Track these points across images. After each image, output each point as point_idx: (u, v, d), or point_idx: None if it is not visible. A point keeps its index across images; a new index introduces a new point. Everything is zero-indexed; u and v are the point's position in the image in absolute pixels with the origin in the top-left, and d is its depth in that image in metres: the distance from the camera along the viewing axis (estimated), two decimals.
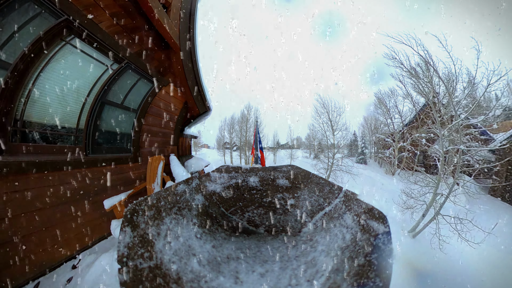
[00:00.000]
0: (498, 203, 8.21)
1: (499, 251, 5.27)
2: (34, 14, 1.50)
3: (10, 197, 1.38)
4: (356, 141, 20.76)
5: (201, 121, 3.93)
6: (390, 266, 0.35)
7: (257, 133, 4.80)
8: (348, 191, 0.62)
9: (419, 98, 12.14)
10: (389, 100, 15.51)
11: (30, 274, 1.50)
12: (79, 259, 1.76)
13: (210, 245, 0.58)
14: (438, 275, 4.64)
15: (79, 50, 1.82)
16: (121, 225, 0.43)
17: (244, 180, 0.88)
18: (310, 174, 0.84)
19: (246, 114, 21.79)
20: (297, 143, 31.60)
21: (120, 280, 0.35)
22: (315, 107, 13.99)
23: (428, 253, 5.22)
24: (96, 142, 2.05)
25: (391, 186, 10.46)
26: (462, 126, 5.50)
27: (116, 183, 2.23)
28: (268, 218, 0.79)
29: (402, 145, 12.96)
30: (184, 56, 2.79)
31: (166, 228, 0.50)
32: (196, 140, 24.46)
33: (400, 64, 7.97)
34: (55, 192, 1.64)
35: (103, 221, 2.07)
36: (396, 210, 6.75)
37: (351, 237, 0.47)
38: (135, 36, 2.32)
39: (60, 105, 1.76)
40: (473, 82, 5.67)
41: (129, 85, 2.42)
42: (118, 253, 0.38)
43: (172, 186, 0.65)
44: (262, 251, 0.61)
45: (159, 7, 2.27)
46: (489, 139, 9.34)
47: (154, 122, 2.86)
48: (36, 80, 1.56)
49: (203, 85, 3.30)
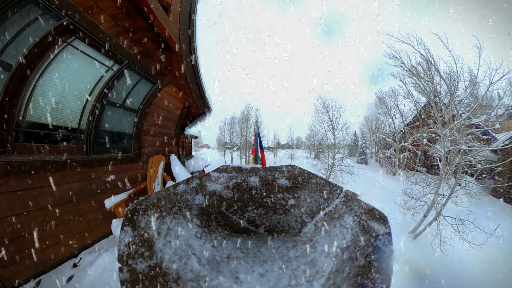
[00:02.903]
0: (500, 204, 8.15)
1: (501, 253, 5.23)
2: (35, 16, 1.51)
3: (13, 196, 1.39)
4: (356, 141, 20.70)
5: (202, 121, 3.94)
6: (390, 267, 0.35)
7: (257, 133, 4.80)
8: (349, 192, 0.62)
9: (420, 97, 12.09)
10: (390, 100, 15.46)
11: (31, 272, 1.51)
12: (80, 258, 1.77)
13: (210, 245, 0.58)
14: (439, 277, 4.62)
15: (80, 51, 1.83)
16: (122, 224, 0.44)
17: (245, 180, 0.88)
18: (310, 174, 0.84)
19: (246, 114, 21.80)
20: (298, 143, 31.57)
21: (121, 278, 0.35)
22: (315, 107, 13.98)
23: (429, 255, 5.19)
24: (97, 142, 2.06)
25: (391, 186, 10.42)
26: (464, 125, 5.46)
27: (117, 182, 2.23)
28: (268, 218, 0.79)
29: (403, 145, 12.91)
30: (184, 57, 2.79)
31: (167, 228, 0.51)
32: (197, 140, 24.51)
33: (401, 63, 7.94)
34: (56, 192, 1.65)
35: (104, 220, 2.08)
36: (397, 211, 6.72)
37: (352, 237, 0.47)
38: (135, 37, 2.33)
39: (61, 106, 1.77)
40: (475, 81, 5.64)
41: (129, 86, 2.43)
42: (119, 252, 0.39)
43: (173, 186, 0.66)
44: (262, 251, 0.61)
45: (159, 8, 2.27)
46: (492, 139, 9.28)
47: (155, 122, 2.87)
48: (38, 81, 1.57)
49: (203, 85, 3.31)
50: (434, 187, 5.82)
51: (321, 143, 15.81)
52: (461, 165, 5.43)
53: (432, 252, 5.18)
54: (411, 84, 10.53)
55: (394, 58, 8.02)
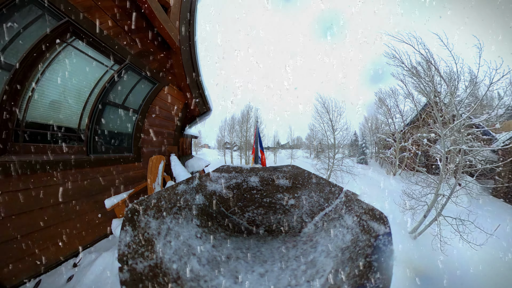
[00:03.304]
0: (500, 204, 8.14)
1: (502, 253, 5.23)
2: (35, 16, 1.51)
3: (13, 196, 1.39)
4: (356, 141, 20.69)
5: (202, 121, 3.94)
6: (390, 268, 0.35)
7: (257, 133, 4.80)
8: (349, 192, 0.62)
9: (421, 97, 12.08)
10: (390, 100, 15.45)
11: (31, 272, 1.51)
12: (80, 258, 1.77)
13: (210, 245, 0.58)
14: (439, 277, 4.62)
15: (80, 52, 1.83)
16: (122, 224, 0.44)
17: (245, 180, 0.88)
18: (310, 174, 0.84)
19: (246, 114, 21.80)
20: (298, 143, 31.57)
21: (121, 278, 0.35)
22: (315, 107, 13.97)
23: (429, 255, 5.19)
24: (97, 142, 2.06)
25: (391, 186, 10.41)
26: (464, 125, 5.45)
27: (117, 182, 2.24)
28: (268, 218, 0.79)
29: (403, 145, 12.90)
30: (184, 57, 2.80)
31: (167, 228, 0.51)
32: (197, 140, 24.51)
33: (401, 63, 7.94)
34: (56, 191, 1.65)
35: (104, 220, 2.08)
36: (397, 211, 6.72)
37: (352, 237, 0.47)
38: (135, 37, 2.33)
39: (62, 106, 1.77)
40: (475, 80, 5.63)
41: (130, 86, 2.43)
42: (119, 251, 0.39)
43: (173, 186, 0.66)
44: (262, 251, 0.61)
45: (159, 8, 2.28)
46: (492, 139, 9.27)
47: (155, 122, 2.87)
48: (39, 81, 1.57)
49: (203, 85, 3.31)
50: (434, 187, 5.82)
51: (321, 143, 15.79)
52: (461, 165, 5.42)
53: (432, 252, 5.17)
54: (411, 84, 10.53)
55: (394, 58, 8.02)
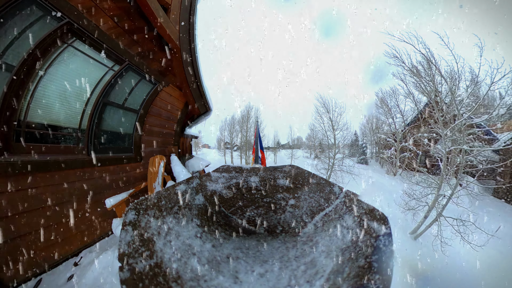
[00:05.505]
0: (501, 204, 8.11)
1: (502, 254, 5.21)
2: (36, 17, 1.51)
3: (14, 195, 1.40)
4: (357, 141, 20.66)
5: (202, 121, 3.94)
6: (390, 268, 0.35)
7: (257, 133, 4.80)
8: (349, 192, 0.62)
9: (421, 97, 12.05)
10: (391, 99, 15.41)
11: (32, 271, 1.52)
12: (80, 257, 1.78)
13: (210, 245, 0.58)
14: (439, 278, 4.60)
15: (81, 52, 1.84)
16: (122, 223, 0.44)
17: (245, 180, 0.88)
18: (310, 174, 0.83)
19: (246, 114, 21.80)
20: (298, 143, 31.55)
21: (121, 278, 0.35)
22: (315, 107, 13.95)
23: (430, 255, 5.17)
24: (98, 142, 2.07)
25: (391, 186, 10.39)
26: (465, 125, 5.43)
27: (118, 182, 2.24)
28: (268, 218, 0.79)
29: (404, 145, 12.87)
30: (184, 57, 2.80)
31: (167, 227, 0.51)
32: (197, 140, 24.53)
33: (401, 62, 7.92)
34: (57, 191, 1.66)
35: (105, 219, 2.09)
36: (397, 211, 6.70)
37: (352, 238, 0.46)
38: (135, 38, 2.34)
39: (62, 106, 1.77)
40: (476, 80, 5.61)
41: (130, 86, 2.43)
42: (119, 251, 0.39)
43: (173, 186, 0.66)
44: (261, 251, 0.61)
45: (159, 8, 2.28)
46: (493, 139, 9.23)
47: (155, 123, 2.88)
48: (39, 82, 1.57)
49: (203, 85, 3.31)
50: (435, 188, 5.80)
51: (321, 143, 15.78)
52: (462, 165, 5.41)
53: (433, 252, 5.16)
54: (411, 83, 10.50)
55: (395, 57, 8.00)
